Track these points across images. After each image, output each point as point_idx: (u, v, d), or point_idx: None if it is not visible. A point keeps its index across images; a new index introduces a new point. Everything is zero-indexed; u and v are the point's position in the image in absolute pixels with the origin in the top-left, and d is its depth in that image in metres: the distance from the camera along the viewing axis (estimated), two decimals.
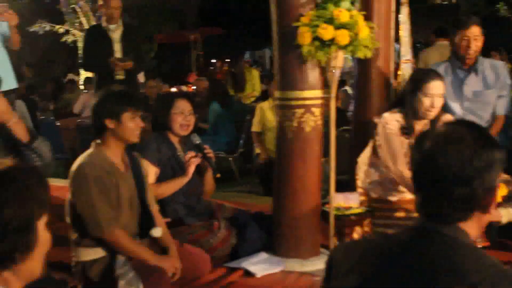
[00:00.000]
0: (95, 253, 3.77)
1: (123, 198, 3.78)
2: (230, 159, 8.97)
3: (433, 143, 1.94)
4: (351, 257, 2.01)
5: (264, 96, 9.96)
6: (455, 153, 1.87)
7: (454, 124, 2.01)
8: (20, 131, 3.38)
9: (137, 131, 3.82)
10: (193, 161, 4.54)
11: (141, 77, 11.60)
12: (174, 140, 4.68)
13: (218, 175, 4.77)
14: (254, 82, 11.98)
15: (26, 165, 1.94)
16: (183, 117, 4.61)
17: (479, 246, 3.47)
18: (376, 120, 4.79)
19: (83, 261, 3.80)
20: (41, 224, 1.84)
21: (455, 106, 5.19)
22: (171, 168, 4.59)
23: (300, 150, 4.41)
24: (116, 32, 7.33)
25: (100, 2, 7.62)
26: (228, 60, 18.65)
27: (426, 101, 4.53)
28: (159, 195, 4.40)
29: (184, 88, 15.39)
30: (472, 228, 1.93)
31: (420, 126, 4.63)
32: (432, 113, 4.56)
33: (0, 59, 6.04)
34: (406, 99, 4.64)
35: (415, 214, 2.07)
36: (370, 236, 2.02)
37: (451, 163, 1.87)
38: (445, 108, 4.83)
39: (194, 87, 14.45)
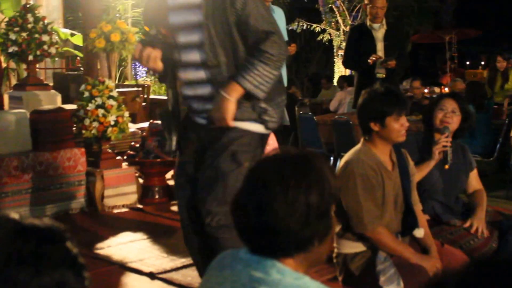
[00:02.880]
0: (357, 247, 3.84)
1: (388, 196, 3.81)
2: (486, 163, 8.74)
3: None
4: None
5: None
6: None
7: None
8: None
9: (403, 131, 3.80)
10: (442, 143, 4.42)
11: None
12: (436, 137, 4.62)
13: (447, 166, 4.60)
14: None
15: (315, 152, 1.99)
16: (443, 114, 4.54)
17: None
18: None
19: (344, 253, 3.88)
20: (332, 211, 1.88)
21: None
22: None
23: None
24: (379, 31, 7.40)
25: (366, 1, 7.70)
26: (483, 62, 18.13)
27: None
28: None
29: (436, 89, 15.11)
30: None
31: None
32: None
33: None
34: None
35: None
36: None
37: None
38: None
39: (447, 89, 14.22)
